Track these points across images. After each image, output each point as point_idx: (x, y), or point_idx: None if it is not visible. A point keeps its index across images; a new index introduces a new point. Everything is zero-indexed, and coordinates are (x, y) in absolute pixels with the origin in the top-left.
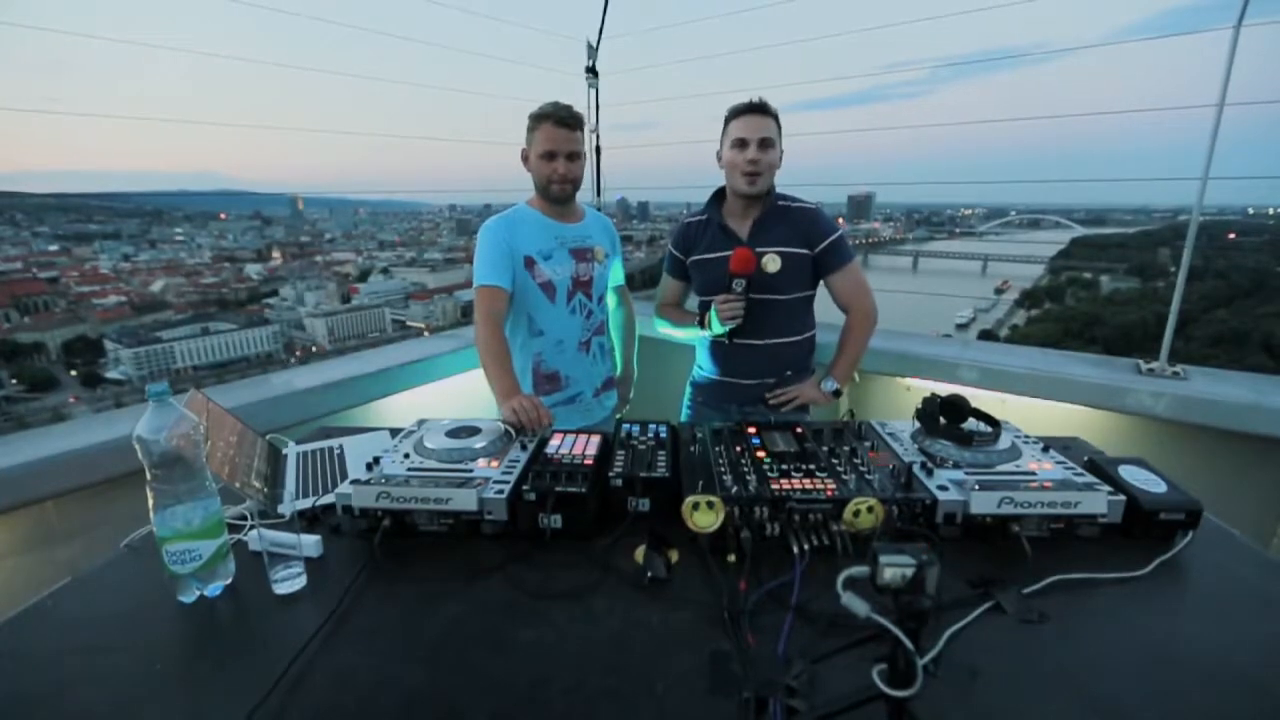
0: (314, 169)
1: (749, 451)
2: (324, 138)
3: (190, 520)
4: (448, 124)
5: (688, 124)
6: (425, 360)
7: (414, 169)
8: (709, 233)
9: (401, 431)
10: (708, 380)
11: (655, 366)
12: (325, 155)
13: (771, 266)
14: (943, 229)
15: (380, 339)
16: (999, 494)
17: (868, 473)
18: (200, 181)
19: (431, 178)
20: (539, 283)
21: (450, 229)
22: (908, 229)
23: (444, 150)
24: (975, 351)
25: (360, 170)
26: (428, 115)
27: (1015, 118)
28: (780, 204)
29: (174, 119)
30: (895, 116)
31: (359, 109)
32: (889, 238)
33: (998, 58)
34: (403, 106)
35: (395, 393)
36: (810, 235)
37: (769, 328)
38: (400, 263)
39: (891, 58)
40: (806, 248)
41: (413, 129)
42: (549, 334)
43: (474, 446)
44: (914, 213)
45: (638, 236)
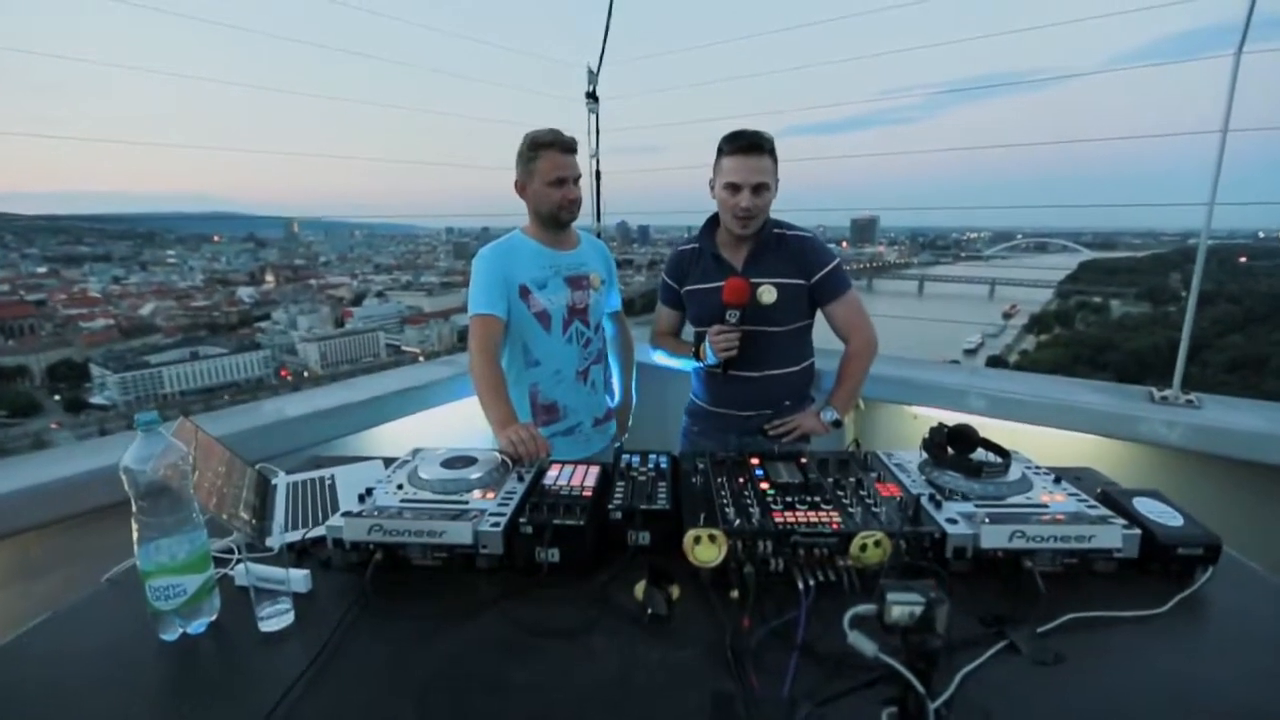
0: (310, 191)
1: (752, 483)
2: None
3: (175, 554)
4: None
5: (688, 148)
6: (420, 388)
7: (411, 192)
8: (702, 262)
9: (395, 461)
10: (704, 410)
11: (654, 393)
12: (322, 178)
13: (767, 298)
14: (948, 253)
15: (374, 364)
16: (1010, 527)
17: (874, 505)
18: (195, 203)
19: (429, 200)
20: (534, 312)
21: (447, 252)
22: (913, 253)
23: (441, 173)
24: (983, 379)
25: (357, 193)
26: (425, 139)
27: (1019, 143)
28: (775, 232)
29: (169, 143)
30: (896, 140)
31: (357, 132)
32: (894, 262)
33: (997, 84)
34: (401, 130)
35: (389, 421)
36: (806, 265)
37: (766, 359)
38: (396, 286)
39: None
40: (803, 277)
41: (410, 152)
42: (546, 364)
43: (469, 477)
44: (919, 236)
45: (638, 260)
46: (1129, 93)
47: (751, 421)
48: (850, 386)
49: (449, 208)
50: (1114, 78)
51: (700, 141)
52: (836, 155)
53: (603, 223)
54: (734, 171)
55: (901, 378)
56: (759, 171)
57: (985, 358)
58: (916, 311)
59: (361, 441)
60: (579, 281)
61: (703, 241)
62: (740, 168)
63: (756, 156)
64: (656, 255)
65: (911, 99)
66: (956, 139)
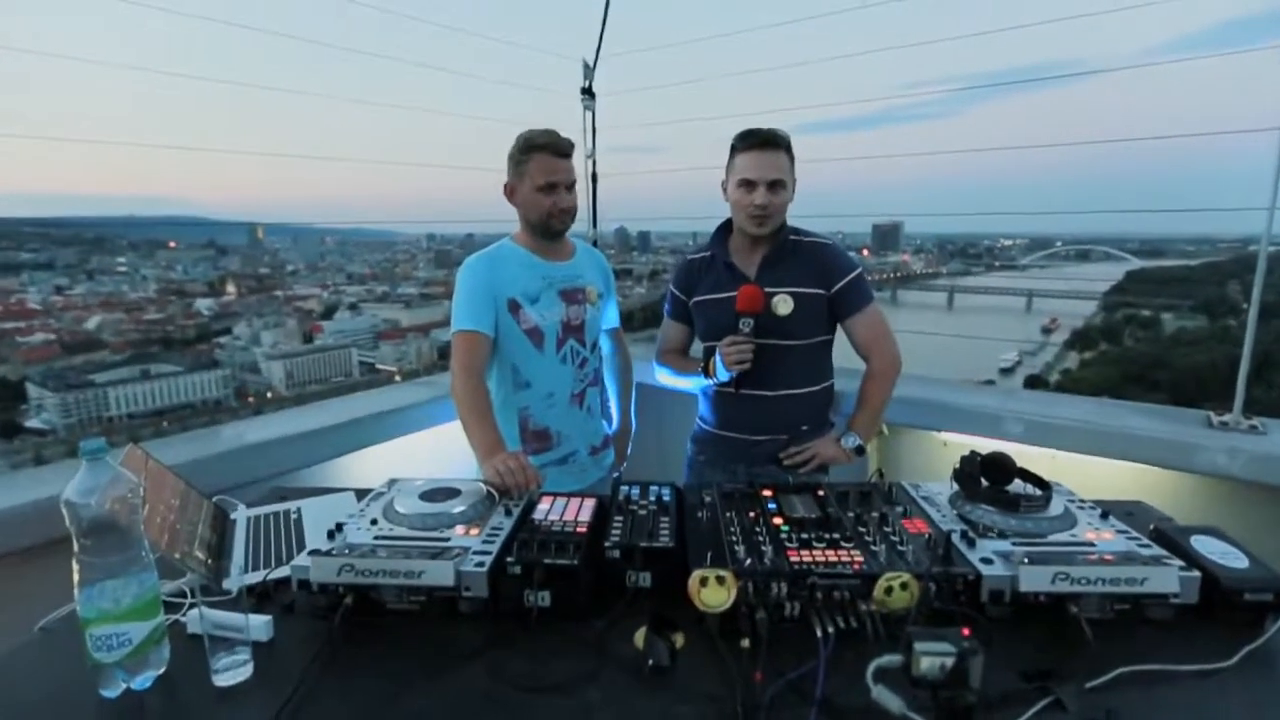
0: (278, 195)
1: (764, 518)
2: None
3: (120, 598)
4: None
5: (694, 148)
6: (397, 411)
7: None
8: (713, 271)
9: (369, 493)
10: (711, 435)
11: (657, 418)
12: (290, 180)
13: (783, 308)
14: (980, 262)
15: (345, 384)
16: (1053, 568)
17: (900, 543)
18: (150, 206)
19: (408, 205)
20: (525, 329)
21: (428, 261)
22: (941, 261)
23: (423, 175)
24: (1021, 401)
25: (329, 196)
26: (405, 138)
27: (1058, 142)
28: (792, 239)
29: (122, 140)
30: (922, 139)
31: (329, 131)
32: (920, 271)
33: (1033, 77)
34: (378, 128)
35: (362, 448)
36: (826, 273)
37: (781, 377)
38: (370, 298)
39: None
40: (822, 287)
41: (389, 152)
42: (537, 386)
43: (451, 511)
44: (947, 243)
45: (638, 269)
46: (1178, 86)
47: (764, 448)
48: (873, 410)
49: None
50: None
51: (706, 142)
52: (856, 155)
53: (599, 229)
54: (748, 168)
55: (929, 400)
56: (775, 167)
57: (1023, 377)
58: (946, 326)
59: (331, 471)
60: (574, 295)
61: (714, 249)
62: (755, 163)
63: (772, 152)
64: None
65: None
66: (987, 137)
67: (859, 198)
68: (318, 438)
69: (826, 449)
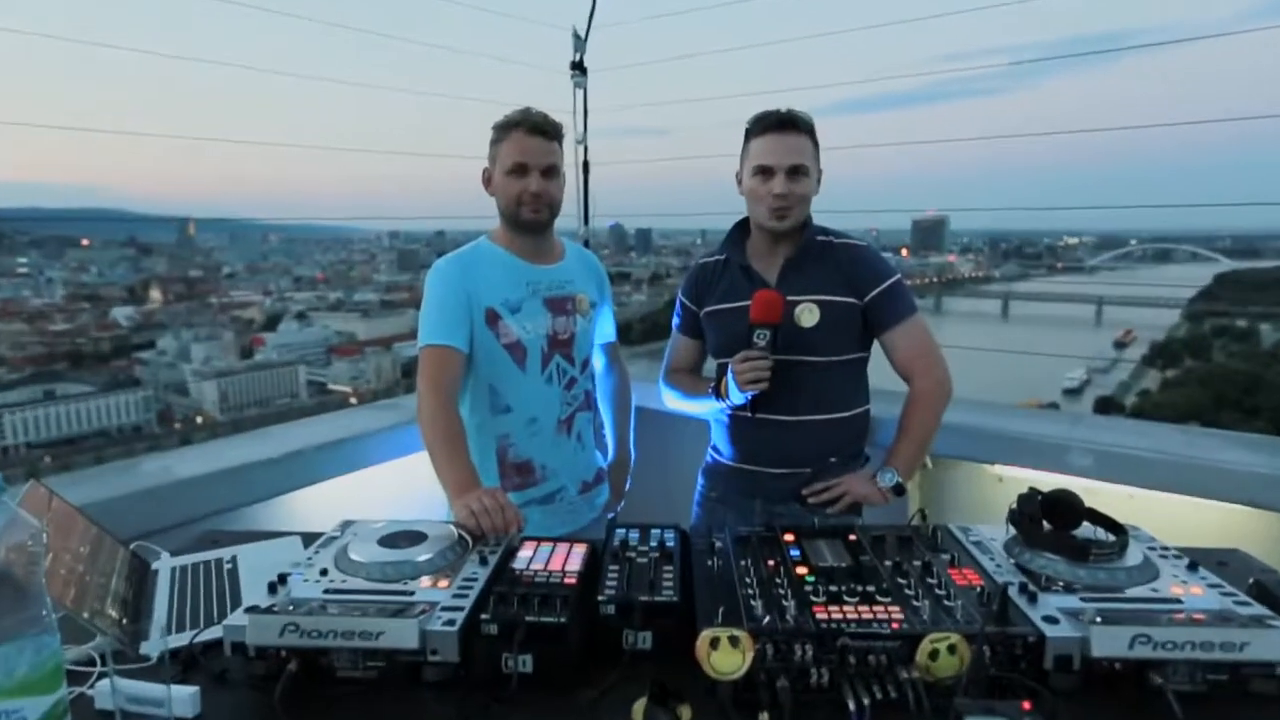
0: (214, 185)
1: (786, 567)
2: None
3: (14, 668)
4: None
5: (703, 132)
6: (352, 440)
7: (345, 186)
8: (727, 277)
9: (318, 538)
10: (725, 468)
11: (660, 449)
12: (228, 169)
13: (807, 319)
14: (1040, 263)
15: (291, 408)
16: (1130, 630)
17: (947, 597)
18: (60, 197)
19: (368, 197)
20: (505, 343)
21: (390, 262)
22: (993, 263)
23: (385, 164)
24: (1090, 429)
25: (273, 187)
26: (364, 121)
27: (1133, 124)
28: (819, 239)
29: (25, 121)
30: (971, 119)
31: (275, 112)
32: (968, 275)
33: (1103, 49)
34: (331, 110)
35: (310, 484)
36: (858, 279)
37: (805, 400)
38: (322, 306)
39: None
40: (854, 295)
41: (345, 137)
42: (518, 410)
43: (416, 560)
44: (1000, 242)
45: (637, 273)
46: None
47: (786, 484)
48: (916, 441)
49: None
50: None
51: (717, 126)
52: (892, 140)
53: (591, 226)
54: (765, 153)
55: (981, 428)
56: (795, 152)
57: (1092, 400)
58: (1000, 339)
59: (273, 512)
60: (562, 304)
61: (729, 252)
62: (773, 148)
63: (792, 135)
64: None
65: (990, 66)
66: (1048, 118)
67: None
68: (257, 472)
69: (859, 486)
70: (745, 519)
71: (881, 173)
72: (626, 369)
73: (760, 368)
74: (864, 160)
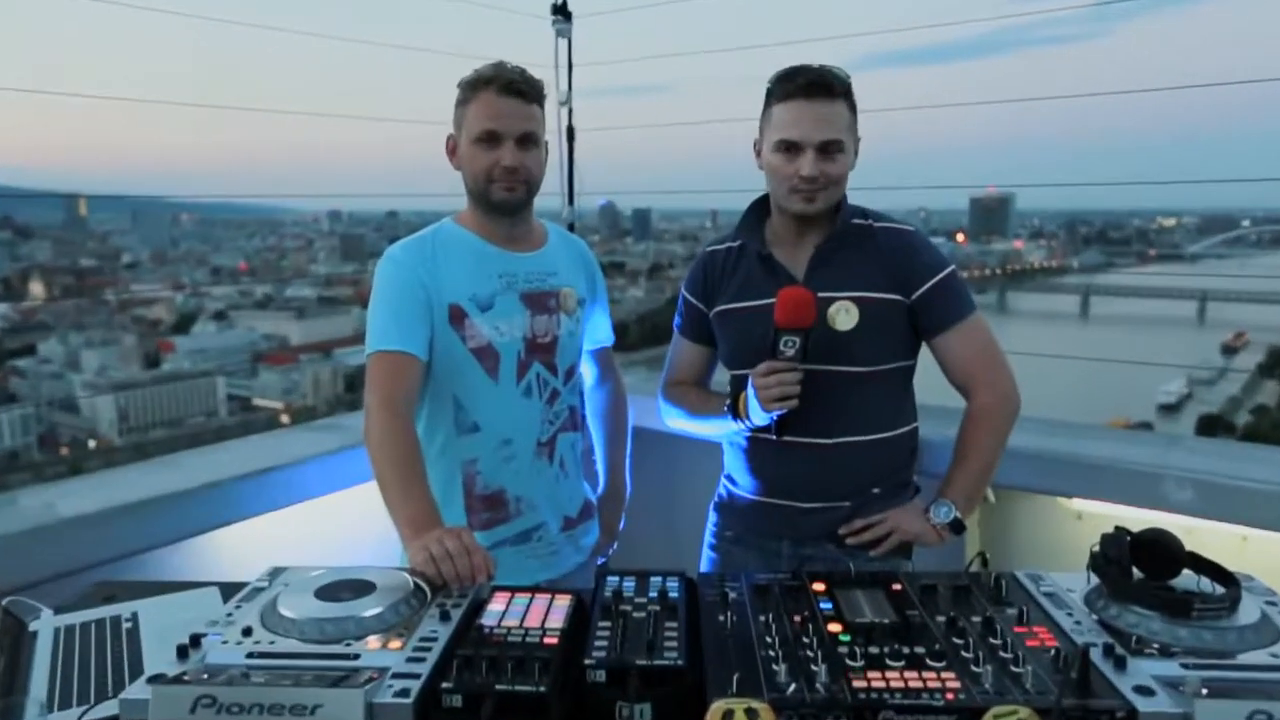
0: (110, 155)
1: (816, 623)
2: (131, 108)
3: None
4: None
5: (713, 88)
6: (284, 468)
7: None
8: (743, 268)
9: (241, 589)
10: (742, 502)
11: (662, 478)
12: (130, 135)
13: (844, 320)
14: (1128, 250)
15: (207, 428)
16: (1246, 705)
17: (1014, 662)
18: None
19: (303, 170)
20: (472, 347)
21: (331, 249)
22: (1070, 250)
23: (326, 130)
24: (1191, 454)
25: (188, 157)
26: (301, 77)
27: (1246, 78)
28: (857, 223)
29: None
30: (1041, 73)
31: (190, 68)
32: (1039, 265)
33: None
34: (263, 62)
35: (231, 523)
36: (905, 271)
37: (842, 418)
38: (246, 303)
39: None
40: (900, 292)
41: (279, 97)
42: (489, 430)
43: (362, 615)
44: (1079, 224)
45: (633, 264)
46: None
47: (817, 521)
48: (976, 468)
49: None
50: None
51: (730, 79)
52: (944, 101)
53: (577, 206)
54: (792, 124)
55: (1055, 453)
56: (829, 123)
57: (1194, 419)
58: (1079, 344)
59: (185, 557)
60: (543, 300)
61: (745, 237)
62: (801, 118)
63: (824, 101)
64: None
65: (1066, 7)
66: (1140, 70)
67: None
68: (165, 508)
69: (908, 523)
70: (766, 564)
71: (931, 140)
72: (622, 380)
73: (788, 381)
74: (910, 125)
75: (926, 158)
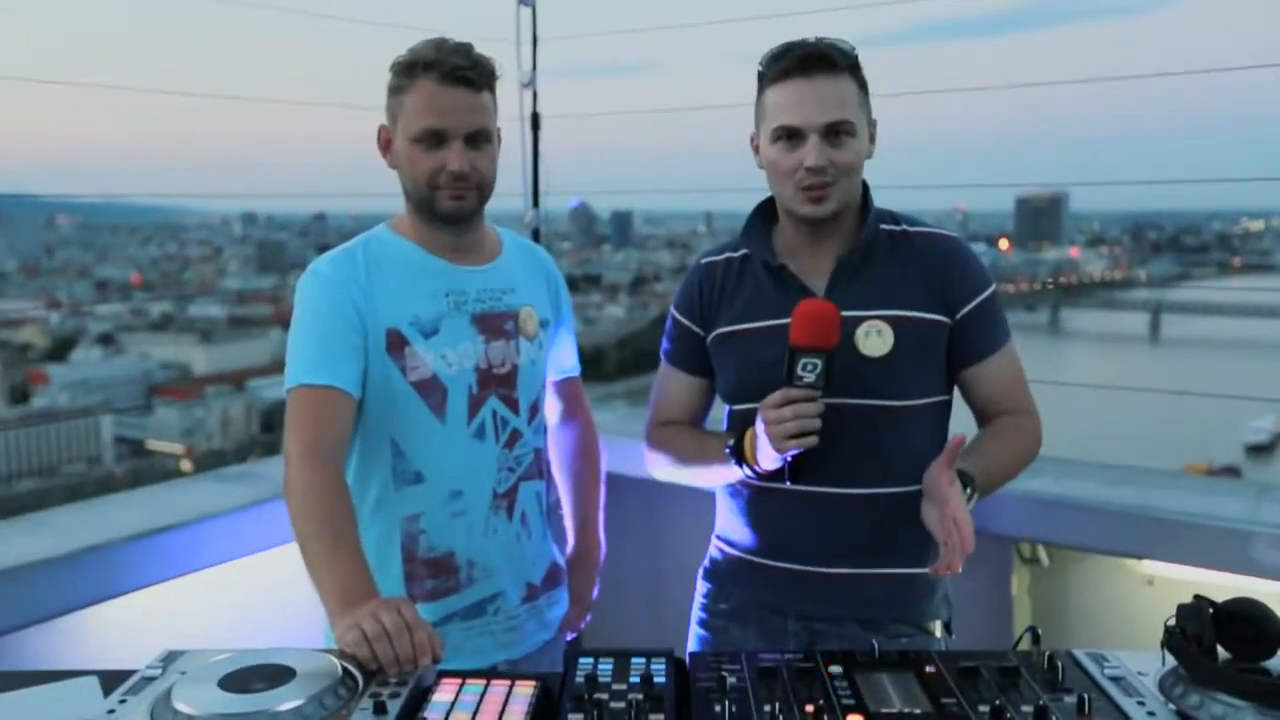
0: None
1: (831, 714)
2: None
3: None
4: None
5: (705, 67)
6: (184, 527)
7: (178, 147)
8: (749, 282)
9: (128, 678)
10: (742, 566)
11: (646, 537)
12: None
13: (875, 345)
14: (1206, 258)
15: (89, 478)
16: None
17: None
18: None
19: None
20: (414, 380)
21: (245, 259)
22: (1136, 259)
23: (238, 117)
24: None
25: (69, 147)
26: (211, 53)
27: None
28: (886, 229)
29: None
30: (1094, 48)
31: (71, 36)
32: (1099, 276)
33: None
34: (160, 35)
35: (116, 596)
36: (950, 286)
37: (870, 464)
38: (140, 324)
39: None
40: (942, 311)
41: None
42: (434, 480)
43: (277, 709)
44: (1147, 228)
45: (612, 276)
46: None
47: (834, 590)
48: (999, 463)
49: (251, 178)
50: None
51: (725, 56)
52: (980, 83)
53: (543, 208)
54: (788, 107)
55: (1121, 505)
56: (832, 102)
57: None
58: (1148, 373)
59: (57, 638)
60: (498, 323)
61: (751, 244)
62: (799, 99)
63: (826, 77)
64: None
65: None
66: (1218, 46)
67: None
68: (32, 577)
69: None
70: (770, 641)
71: (968, 130)
72: (592, 418)
73: (807, 414)
74: (943, 112)
75: (963, 151)
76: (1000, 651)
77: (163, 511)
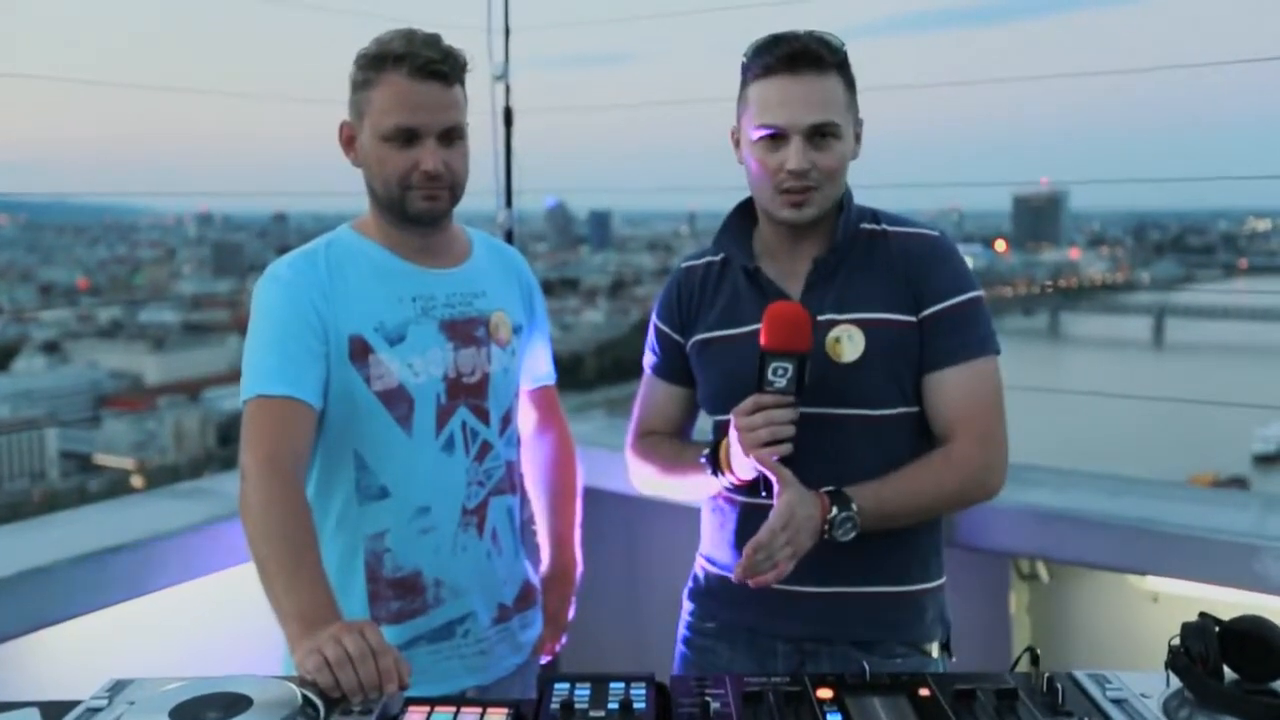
0: None
1: None
2: None
3: None
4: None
5: (690, 57)
6: (134, 547)
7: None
8: (727, 287)
9: (73, 709)
10: (724, 586)
11: (626, 554)
12: None
13: (847, 349)
14: (1211, 259)
15: (31, 496)
16: None
17: None
18: None
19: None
20: (379, 390)
21: (200, 262)
22: (1138, 260)
23: (194, 109)
24: None
25: (10, 141)
26: (164, 42)
27: None
28: (866, 228)
29: None
30: (1093, 38)
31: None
32: (1101, 279)
33: None
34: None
35: (60, 621)
36: (918, 284)
37: (850, 475)
38: (87, 330)
39: None
40: (912, 311)
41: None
42: (400, 495)
43: None
44: (1150, 228)
45: (590, 279)
46: None
47: (826, 610)
48: (906, 494)
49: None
50: None
51: (711, 47)
52: (975, 77)
53: (517, 207)
54: (772, 106)
55: (1123, 519)
56: (818, 102)
57: None
58: (1152, 380)
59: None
60: (469, 329)
61: (729, 247)
62: (783, 97)
63: (813, 75)
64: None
65: None
66: (1224, 38)
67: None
68: None
69: (804, 541)
70: (757, 663)
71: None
72: (568, 429)
73: (779, 420)
74: (933, 105)
75: (958, 147)
76: (997, 673)
77: (111, 531)
